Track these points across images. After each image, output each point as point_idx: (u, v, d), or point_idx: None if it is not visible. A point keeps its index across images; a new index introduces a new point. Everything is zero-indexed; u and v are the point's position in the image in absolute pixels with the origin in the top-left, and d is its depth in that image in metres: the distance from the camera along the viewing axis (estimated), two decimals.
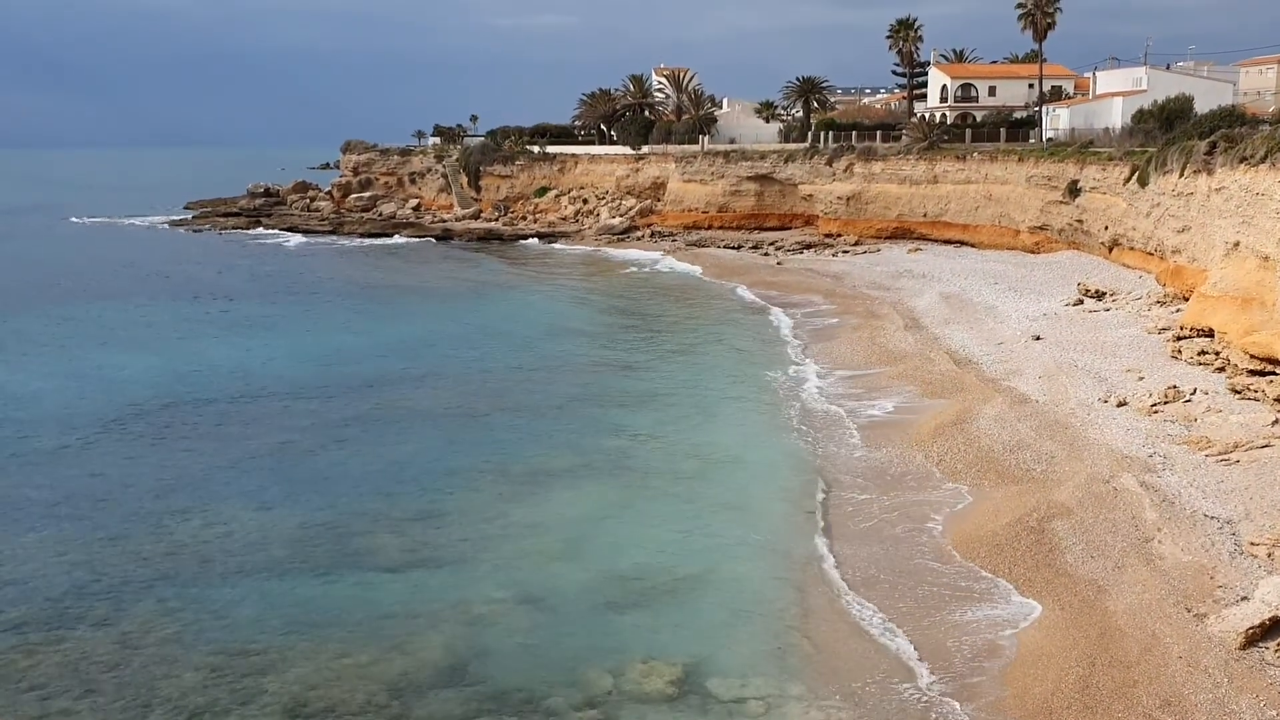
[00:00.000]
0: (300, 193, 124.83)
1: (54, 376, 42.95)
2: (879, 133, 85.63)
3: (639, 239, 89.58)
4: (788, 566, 24.43)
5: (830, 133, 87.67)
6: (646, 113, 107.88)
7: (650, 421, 36.16)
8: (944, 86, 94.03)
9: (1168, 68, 79.99)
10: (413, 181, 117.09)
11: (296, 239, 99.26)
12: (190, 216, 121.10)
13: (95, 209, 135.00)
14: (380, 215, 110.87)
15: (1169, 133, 56.43)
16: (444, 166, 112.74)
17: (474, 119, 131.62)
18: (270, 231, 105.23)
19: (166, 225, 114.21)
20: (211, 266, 79.92)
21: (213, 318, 57.22)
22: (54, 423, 35.99)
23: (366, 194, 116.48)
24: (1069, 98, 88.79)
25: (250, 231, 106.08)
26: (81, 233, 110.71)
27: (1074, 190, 61.99)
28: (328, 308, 60.92)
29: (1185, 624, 19.57)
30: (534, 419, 36.71)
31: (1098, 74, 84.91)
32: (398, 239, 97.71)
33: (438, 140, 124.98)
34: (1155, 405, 32.42)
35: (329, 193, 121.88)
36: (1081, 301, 49.71)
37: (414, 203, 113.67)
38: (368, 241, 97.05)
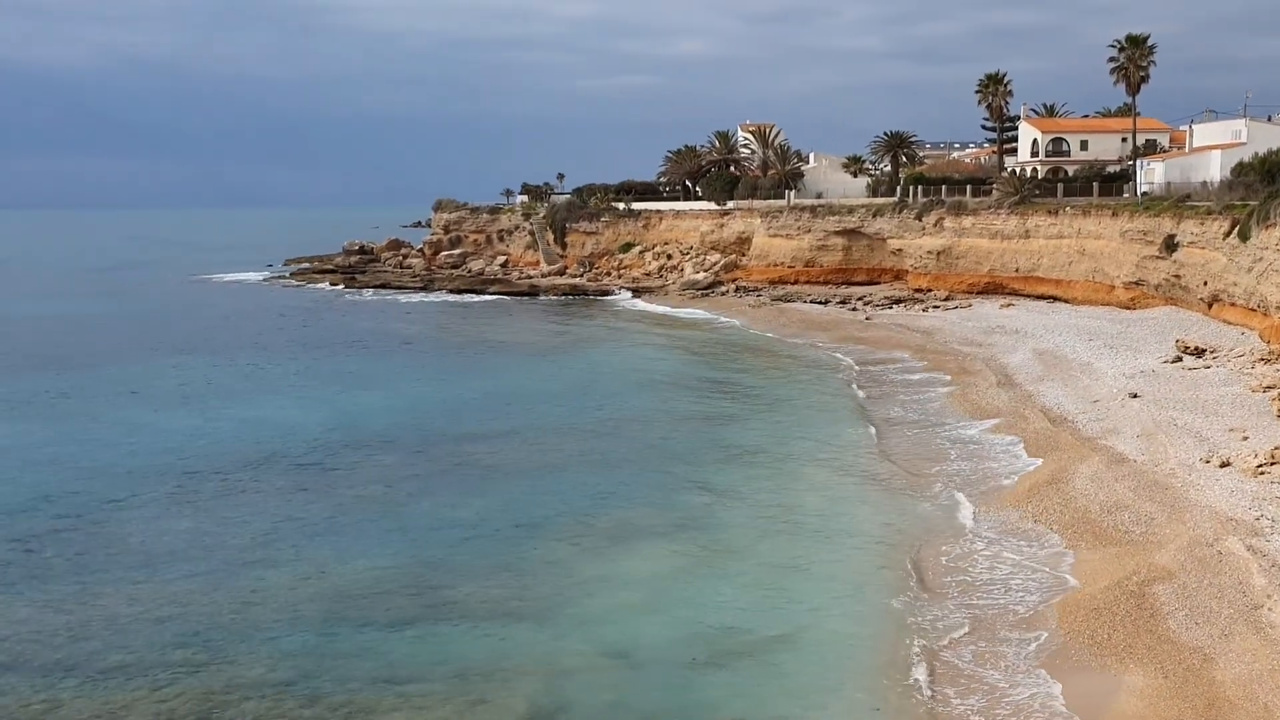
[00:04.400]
0: (393, 250, 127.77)
1: (151, 428, 44.22)
2: (969, 187, 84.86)
3: (723, 294, 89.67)
4: (881, 627, 23.91)
5: (919, 187, 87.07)
6: (732, 168, 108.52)
7: (736, 478, 35.91)
8: (1034, 140, 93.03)
9: (1269, 119, 78.00)
10: (501, 239, 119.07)
11: (390, 295, 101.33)
12: (289, 273, 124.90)
13: (209, 267, 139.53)
14: (469, 272, 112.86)
15: (1271, 185, 54.93)
16: (531, 224, 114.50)
17: (560, 177, 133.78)
18: (366, 289, 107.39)
19: (268, 281, 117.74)
20: (308, 322, 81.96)
21: (308, 371, 58.50)
22: (151, 473, 36.97)
23: (456, 251, 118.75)
24: (1164, 151, 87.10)
25: (345, 288, 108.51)
26: (202, 288, 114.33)
27: (1171, 245, 60.59)
28: (418, 362, 61.91)
29: None
30: (617, 473, 36.71)
31: (1194, 127, 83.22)
32: (486, 295, 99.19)
33: (525, 198, 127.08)
34: (1261, 466, 31.22)
35: (421, 250, 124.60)
36: (1180, 359, 48.34)
37: (502, 259, 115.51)
38: (457, 298, 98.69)
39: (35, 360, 62.69)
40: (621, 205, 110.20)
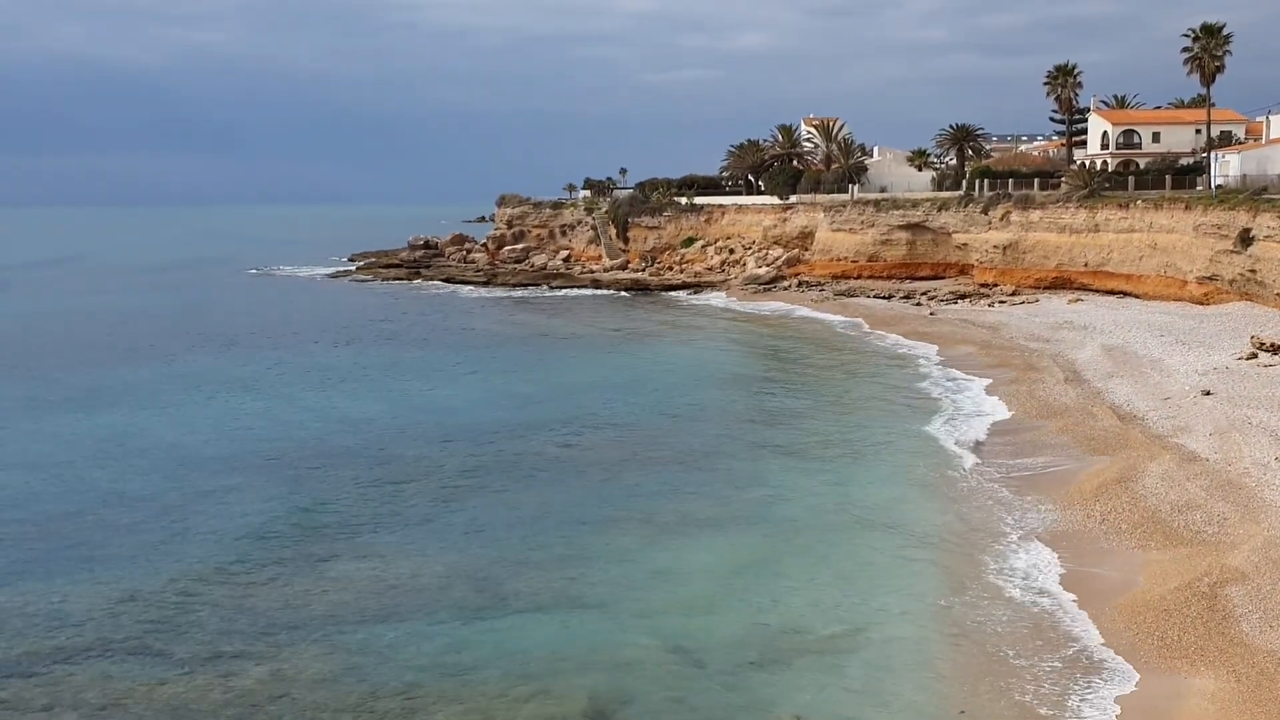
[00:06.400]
0: (457, 245, 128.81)
1: (222, 420, 45.11)
2: (1036, 180, 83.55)
3: (785, 289, 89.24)
4: (943, 628, 23.69)
5: (985, 180, 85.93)
6: (795, 162, 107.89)
7: (798, 474, 35.75)
8: (1105, 133, 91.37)
9: None
10: (563, 233, 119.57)
11: (453, 290, 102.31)
12: (355, 268, 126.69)
13: (279, 261, 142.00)
14: (532, 267, 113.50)
15: None
16: (593, 218, 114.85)
17: (623, 172, 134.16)
18: (430, 283, 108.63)
19: (336, 276, 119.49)
20: (377, 315, 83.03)
21: (374, 363, 59.26)
22: (219, 463, 37.75)
23: (519, 246, 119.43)
24: (1240, 143, 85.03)
25: (411, 283, 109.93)
26: (274, 283, 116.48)
27: (1246, 239, 59.12)
28: (481, 356, 62.38)
29: None
30: (680, 468, 36.73)
31: (1271, 118, 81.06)
32: (549, 290, 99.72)
33: (588, 193, 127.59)
34: None
35: (484, 245, 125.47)
36: (1256, 355, 47.19)
37: (564, 254, 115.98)
38: (520, 292, 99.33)
39: (151, 351, 64.42)
40: (684, 200, 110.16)
